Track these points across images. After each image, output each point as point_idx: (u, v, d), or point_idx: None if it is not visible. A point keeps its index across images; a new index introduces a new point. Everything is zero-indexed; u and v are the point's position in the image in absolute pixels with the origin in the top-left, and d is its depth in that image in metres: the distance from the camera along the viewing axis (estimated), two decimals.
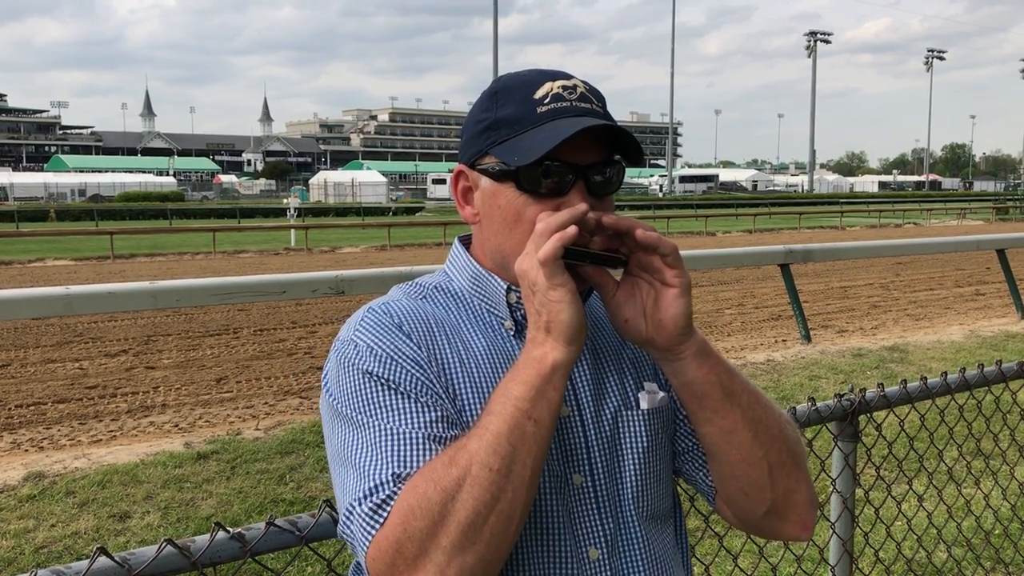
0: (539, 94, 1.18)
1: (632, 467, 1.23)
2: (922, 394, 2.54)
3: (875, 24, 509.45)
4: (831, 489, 2.48)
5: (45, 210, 46.13)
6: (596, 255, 1.13)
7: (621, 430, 1.24)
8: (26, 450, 6.01)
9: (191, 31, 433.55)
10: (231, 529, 1.39)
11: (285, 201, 45.94)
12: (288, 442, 5.85)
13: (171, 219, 41.91)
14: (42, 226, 36.46)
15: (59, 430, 6.49)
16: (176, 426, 6.57)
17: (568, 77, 1.22)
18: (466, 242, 1.33)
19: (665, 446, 1.29)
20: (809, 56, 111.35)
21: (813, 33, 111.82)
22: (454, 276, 1.30)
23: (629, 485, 1.23)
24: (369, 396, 1.12)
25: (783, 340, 9.90)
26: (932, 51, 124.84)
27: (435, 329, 1.20)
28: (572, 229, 1.07)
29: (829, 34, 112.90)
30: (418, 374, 1.14)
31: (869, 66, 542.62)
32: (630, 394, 1.26)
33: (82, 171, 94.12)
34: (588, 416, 1.22)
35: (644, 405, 1.26)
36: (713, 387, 1.17)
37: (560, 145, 1.12)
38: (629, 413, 1.25)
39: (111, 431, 6.47)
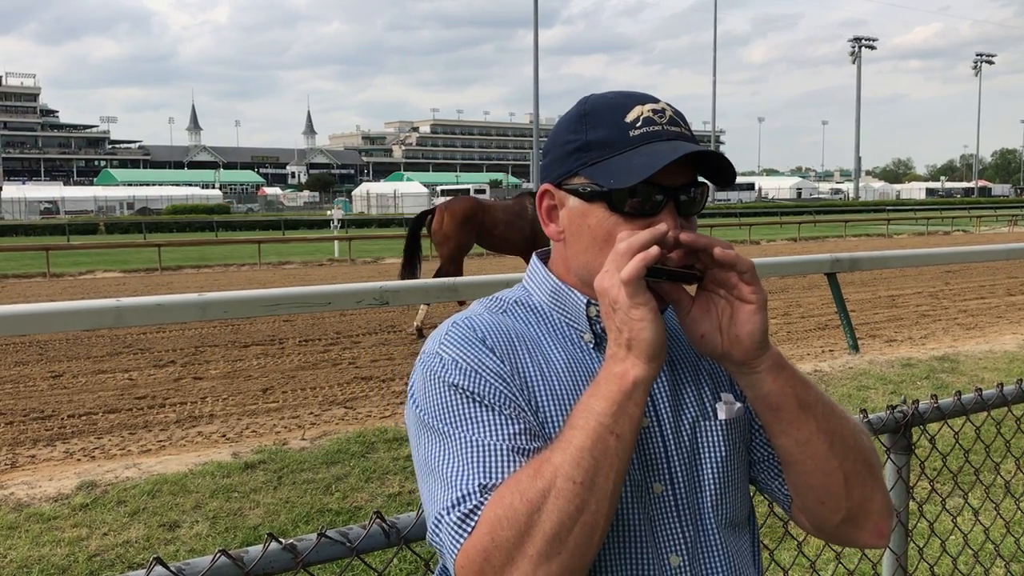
0: (630, 117, 1.21)
1: (711, 476, 1.26)
2: (977, 406, 2.48)
3: (923, 29, 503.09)
4: None
5: (95, 223, 47.12)
6: (673, 272, 1.15)
7: (700, 440, 1.27)
8: (78, 459, 6.12)
9: (241, 46, 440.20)
10: (284, 540, 1.40)
11: (328, 213, 46.36)
12: (334, 452, 5.89)
13: (217, 231, 42.57)
14: (92, 239, 37.26)
15: (110, 440, 6.60)
16: (224, 436, 6.65)
17: (656, 100, 1.24)
18: (543, 257, 1.36)
19: (742, 455, 1.32)
20: (854, 62, 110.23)
21: (858, 39, 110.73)
22: (533, 291, 1.33)
23: (708, 493, 1.26)
24: (455, 408, 1.16)
25: (830, 350, 9.77)
26: (981, 55, 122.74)
27: (516, 343, 1.23)
28: (655, 249, 1.10)
29: (874, 40, 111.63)
30: (502, 387, 1.17)
31: (917, 72, 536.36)
32: (707, 405, 1.29)
33: (130, 184, 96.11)
34: (667, 427, 1.25)
35: (722, 415, 1.29)
36: (788, 399, 1.19)
37: None
38: (707, 423, 1.28)
39: (160, 441, 6.56)
